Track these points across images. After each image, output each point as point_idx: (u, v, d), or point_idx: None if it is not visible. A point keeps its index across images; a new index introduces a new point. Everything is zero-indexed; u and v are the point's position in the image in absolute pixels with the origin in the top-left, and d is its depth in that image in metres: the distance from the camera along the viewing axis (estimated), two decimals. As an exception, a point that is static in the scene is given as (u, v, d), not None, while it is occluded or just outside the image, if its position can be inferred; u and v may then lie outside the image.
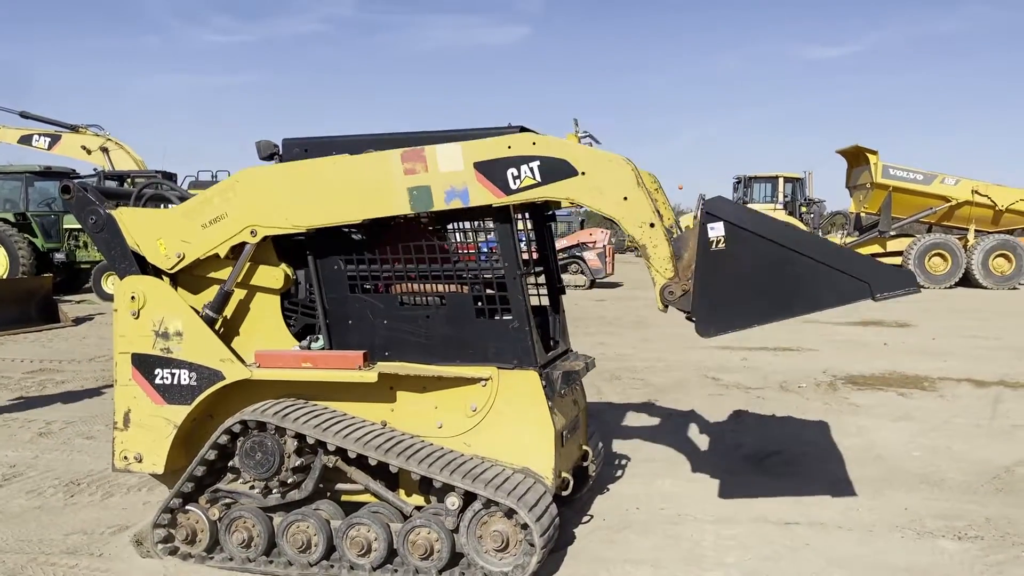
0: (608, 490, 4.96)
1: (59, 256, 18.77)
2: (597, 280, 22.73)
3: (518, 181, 3.67)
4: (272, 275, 4.09)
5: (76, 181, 4.47)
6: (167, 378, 4.04)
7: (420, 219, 4.09)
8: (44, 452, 5.89)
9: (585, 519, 4.47)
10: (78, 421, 6.81)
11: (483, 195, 3.70)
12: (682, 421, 6.79)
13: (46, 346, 11.19)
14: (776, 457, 5.69)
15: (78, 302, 16.95)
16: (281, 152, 4.08)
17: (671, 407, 7.28)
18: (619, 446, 5.90)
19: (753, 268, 3.44)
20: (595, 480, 4.81)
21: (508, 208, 3.82)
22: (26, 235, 18.42)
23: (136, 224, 4.12)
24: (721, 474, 5.29)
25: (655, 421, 6.77)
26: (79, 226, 18.81)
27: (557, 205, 4.38)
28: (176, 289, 4.13)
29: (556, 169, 3.63)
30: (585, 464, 4.57)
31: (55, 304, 13.47)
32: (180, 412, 4.03)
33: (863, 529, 4.34)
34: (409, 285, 4.05)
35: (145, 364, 4.06)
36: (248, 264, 4.06)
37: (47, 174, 19.76)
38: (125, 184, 19.63)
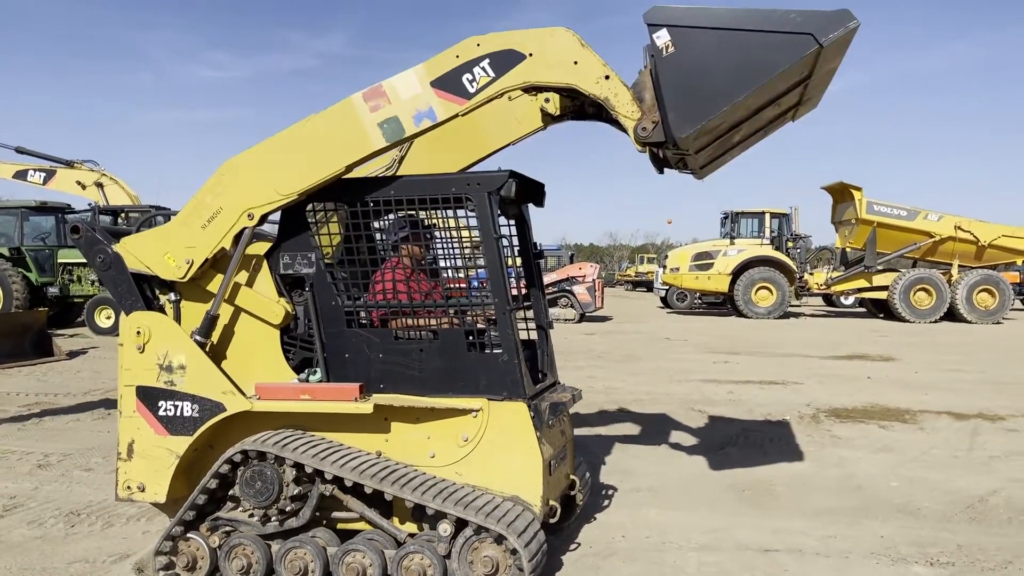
0: (595, 519, 5.11)
1: (52, 290, 18.90)
2: (587, 314, 22.95)
3: (475, 84, 3.90)
4: (272, 310, 4.27)
5: (77, 218, 4.64)
6: (170, 410, 4.20)
7: (416, 260, 4.30)
8: (43, 484, 6.01)
9: (572, 547, 4.62)
10: (75, 453, 6.92)
11: (447, 108, 3.93)
12: (668, 452, 6.96)
13: (41, 380, 11.29)
14: (758, 487, 5.86)
15: (71, 336, 17.04)
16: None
17: (658, 439, 7.44)
18: (606, 476, 6.07)
19: (705, 57, 3.57)
20: (582, 509, 4.98)
21: (498, 243, 4.03)
22: (20, 269, 18.55)
23: (141, 248, 4.29)
24: (705, 504, 5.46)
25: (642, 452, 6.93)
26: (73, 261, 19.01)
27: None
28: (180, 319, 4.31)
29: (506, 60, 3.86)
30: (572, 493, 4.74)
31: (49, 338, 13.57)
32: (182, 443, 4.19)
33: (839, 555, 4.51)
34: (403, 321, 4.24)
35: (149, 396, 4.22)
36: (250, 293, 4.25)
37: (42, 209, 19.96)
38: (119, 219, 19.89)
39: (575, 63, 3.83)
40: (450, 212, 4.17)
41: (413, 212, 4.34)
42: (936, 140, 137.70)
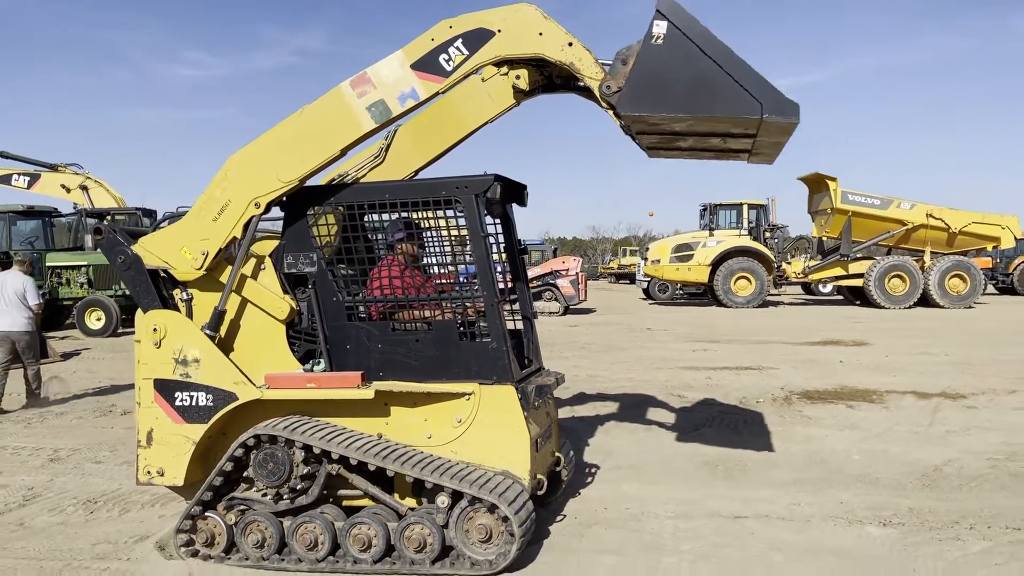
0: (579, 494, 5.52)
1: (42, 293, 19.04)
2: (571, 307, 23.36)
3: (451, 63, 4.32)
4: (278, 306, 4.64)
5: (94, 222, 4.93)
6: (186, 400, 4.56)
7: (411, 257, 4.69)
8: (57, 476, 6.34)
9: (559, 518, 5.02)
10: (84, 448, 7.25)
11: (428, 87, 4.35)
12: (647, 433, 7.38)
13: (39, 380, 11.54)
14: (731, 463, 6.29)
15: (62, 338, 17.26)
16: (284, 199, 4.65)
17: (638, 421, 7.87)
18: (589, 456, 6.48)
19: (680, 67, 3.95)
20: (567, 484, 5.38)
21: (486, 240, 4.42)
22: (9, 273, 18.71)
23: (158, 245, 4.66)
24: (681, 478, 5.89)
25: (622, 433, 7.35)
26: (61, 264, 19.21)
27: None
28: (192, 316, 4.67)
29: (477, 38, 4.29)
30: (558, 469, 5.14)
31: (44, 340, 13.79)
32: (198, 430, 4.55)
33: (802, 520, 4.94)
34: (401, 313, 4.62)
35: (166, 388, 4.58)
36: (258, 293, 4.61)
37: (29, 213, 20.13)
38: (105, 221, 20.08)
39: (540, 34, 4.25)
40: (440, 213, 4.55)
41: (407, 214, 4.71)
42: (909, 130, 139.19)
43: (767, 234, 25.62)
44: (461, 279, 5.02)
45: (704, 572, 4.17)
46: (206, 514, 4.50)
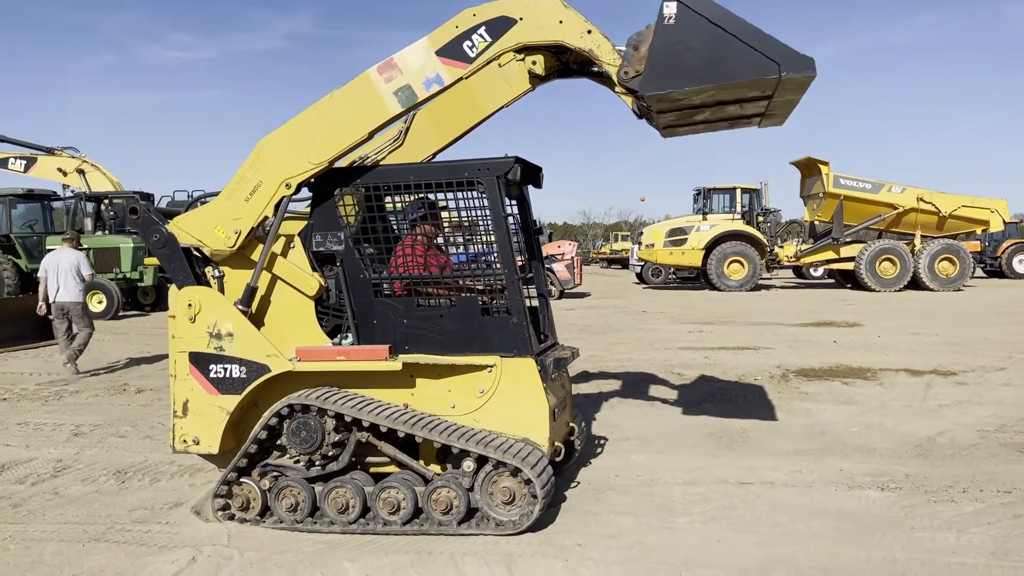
0: (590, 463, 5.78)
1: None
2: (566, 290, 23.62)
3: (475, 49, 4.53)
4: (307, 283, 4.85)
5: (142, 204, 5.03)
6: (220, 372, 4.78)
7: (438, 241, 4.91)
8: (83, 449, 6.56)
9: (573, 484, 5.28)
10: (104, 424, 7.47)
11: (452, 73, 4.56)
12: (651, 408, 7.64)
13: (48, 361, 11.74)
14: (733, 435, 6.55)
15: (64, 321, 17.38)
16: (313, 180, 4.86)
17: (641, 397, 8.13)
18: (597, 429, 6.74)
19: (694, 41, 4.15)
20: (579, 454, 5.64)
21: (506, 220, 4.64)
22: (10, 256, 18.82)
23: (192, 224, 4.86)
24: (687, 448, 6.15)
25: (627, 408, 7.61)
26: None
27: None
28: (224, 291, 4.88)
29: (500, 25, 4.50)
30: (572, 439, 5.39)
31: (50, 322, 13.95)
32: (232, 401, 4.77)
33: (804, 485, 5.21)
34: (425, 290, 4.84)
35: (201, 361, 4.80)
36: (288, 270, 4.83)
37: (29, 197, 20.21)
38: (103, 205, 20.15)
39: (560, 22, 4.46)
40: (461, 194, 4.77)
41: (429, 194, 4.92)
42: (901, 113, 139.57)
43: (760, 218, 25.92)
44: (465, 257, 5.26)
45: (715, 531, 4.43)
46: (241, 480, 4.73)
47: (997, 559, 3.96)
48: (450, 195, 4.81)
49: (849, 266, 24.90)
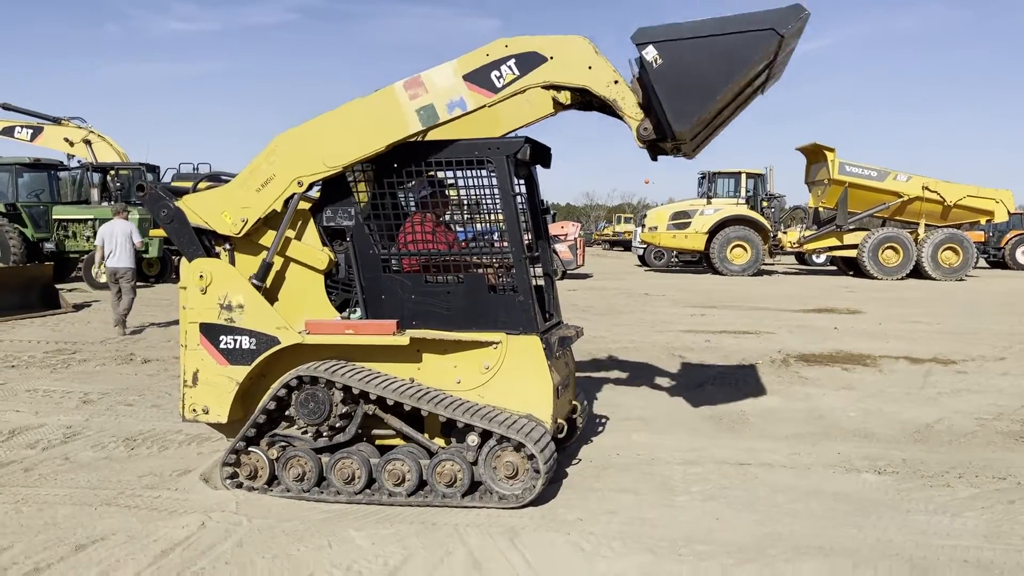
0: (592, 441, 5.86)
1: (48, 246, 19.29)
2: (568, 271, 23.67)
3: (502, 79, 4.56)
4: (317, 257, 4.91)
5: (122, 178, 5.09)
6: (230, 343, 4.85)
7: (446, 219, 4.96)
8: (92, 417, 6.65)
9: (575, 461, 5.37)
10: (112, 392, 7.56)
11: (476, 100, 4.58)
12: (652, 389, 7.73)
13: (55, 330, 11.84)
14: (733, 417, 6.64)
15: (70, 290, 17.44)
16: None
17: (643, 378, 8.21)
18: (599, 409, 6.82)
19: (689, 64, 4.24)
20: (581, 432, 5.73)
21: (515, 199, 4.70)
22: (16, 225, 18.90)
23: (202, 205, 4.91)
24: (687, 429, 6.24)
25: (629, 389, 7.69)
26: (68, 217, 19.38)
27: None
28: (234, 264, 4.94)
29: (529, 61, 4.52)
30: (574, 417, 5.47)
31: (56, 291, 14.07)
32: (241, 371, 4.84)
33: (802, 468, 5.29)
34: (434, 266, 4.90)
35: (211, 332, 4.86)
36: (297, 242, 4.88)
37: (36, 166, 20.25)
38: (109, 176, 20.17)
39: (589, 67, 4.49)
40: (472, 172, 4.81)
41: (439, 173, 4.97)
42: (910, 100, 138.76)
43: (764, 203, 25.93)
44: (488, 237, 5.31)
45: (714, 509, 4.52)
46: (249, 449, 4.82)
47: (990, 542, 4.04)
48: (460, 173, 4.85)
49: (852, 253, 24.93)
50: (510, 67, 4.51)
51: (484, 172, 4.81)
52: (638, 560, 3.84)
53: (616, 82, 4.49)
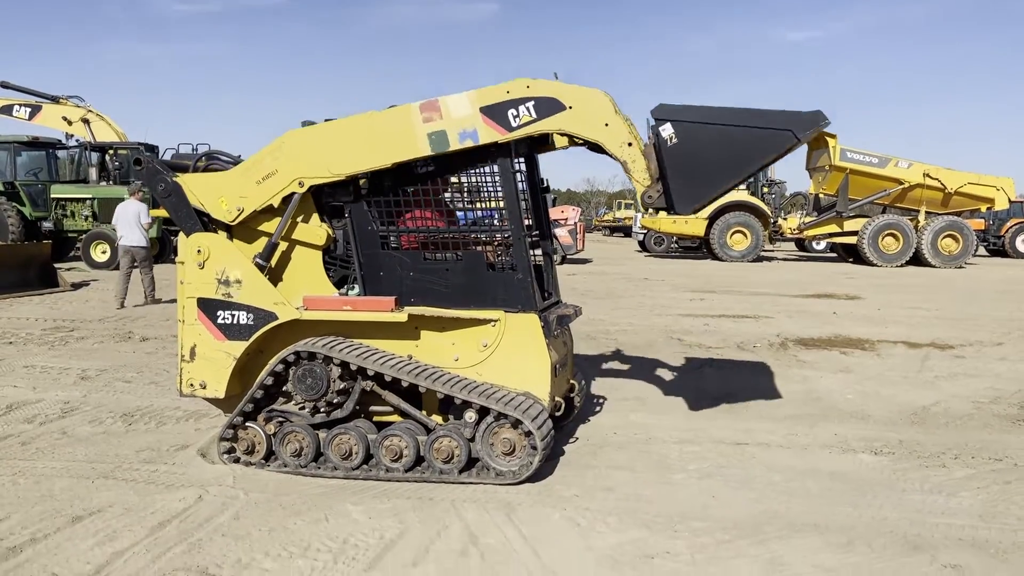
0: (589, 420, 5.87)
1: (47, 224, 19.26)
2: (568, 256, 23.66)
3: (518, 119, 4.53)
4: (315, 233, 4.90)
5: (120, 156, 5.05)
6: (228, 318, 4.84)
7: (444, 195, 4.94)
8: (90, 392, 6.65)
9: (572, 440, 5.38)
10: (110, 369, 7.56)
11: (490, 134, 4.55)
12: (650, 371, 7.73)
13: (53, 308, 11.84)
14: (731, 398, 6.64)
15: (68, 269, 17.45)
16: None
17: (641, 360, 8.21)
18: (596, 388, 6.83)
19: (703, 149, 4.28)
20: (579, 412, 5.73)
21: (515, 178, 4.68)
22: (14, 204, 18.85)
23: (200, 187, 4.89)
24: (685, 409, 6.25)
25: (627, 370, 7.70)
26: (66, 196, 19.33)
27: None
28: (232, 242, 4.93)
29: (549, 106, 4.50)
30: (572, 396, 5.47)
31: (54, 270, 14.06)
32: (239, 347, 4.84)
33: (799, 448, 5.30)
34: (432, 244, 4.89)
35: (209, 307, 4.86)
36: (296, 222, 4.87)
37: (34, 144, 20.18)
38: (107, 155, 20.10)
39: (606, 124, 4.48)
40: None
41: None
42: (912, 88, 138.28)
43: (765, 189, 25.87)
44: (463, 217, 5.30)
45: (709, 486, 4.53)
46: (247, 424, 4.82)
47: (985, 521, 4.05)
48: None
49: (852, 240, 24.89)
50: (528, 108, 4.49)
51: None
52: (633, 535, 3.85)
53: (630, 144, 4.48)
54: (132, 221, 12.12)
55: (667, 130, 4.28)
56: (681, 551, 3.69)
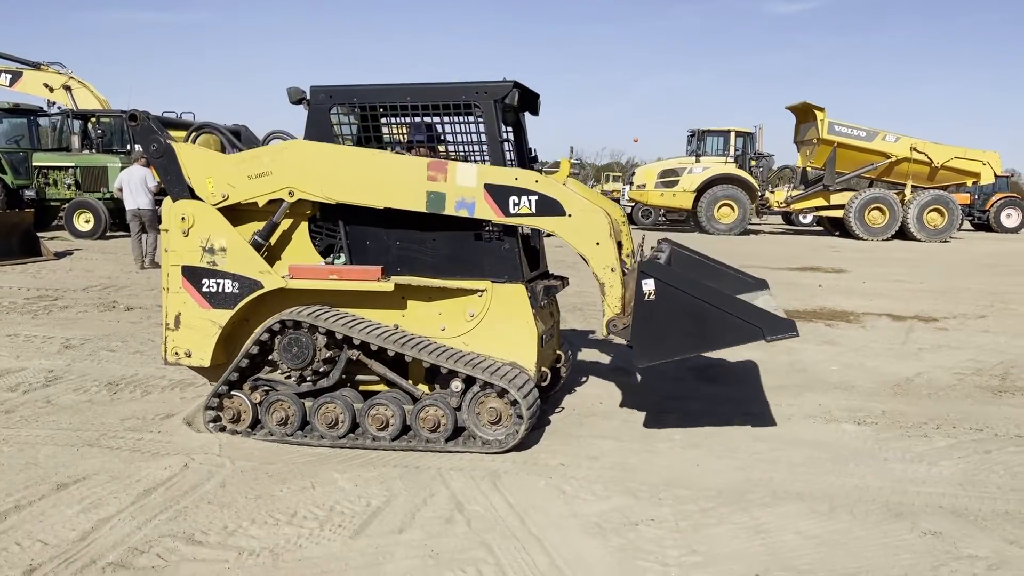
0: (576, 391, 5.90)
1: (29, 193, 19.00)
2: (556, 227, 23.57)
3: (517, 207, 4.59)
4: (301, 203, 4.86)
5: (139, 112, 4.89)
6: (213, 287, 4.82)
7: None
8: (75, 361, 6.61)
9: (558, 409, 5.40)
10: (94, 338, 7.51)
11: (486, 211, 4.58)
12: (637, 343, 7.74)
13: (36, 277, 11.73)
14: (716, 369, 6.68)
15: (51, 238, 17.23)
16: (309, 98, 4.83)
17: (627, 332, 8.22)
18: (583, 358, 6.86)
19: (676, 314, 4.39)
20: (565, 382, 5.75)
21: (502, 145, 4.67)
22: (-4, 172, 18.61)
23: (192, 160, 4.84)
24: (670, 381, 6.28)
25: (612, 342, 7.70)
26: (48, 164, 19.07)
27: None
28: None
29: (549, 206, 4.58)
30: (558, 366, 5.48)
31: (37, 239, 13.91)
32: (224, 315, 4.81)
33: (783, 418, 5.35)
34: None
35: (194, 275, 4.82)
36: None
37: (15, 111, 19.88)
38: (90, 123, 19.82)
39: (597, 243, 4.60)
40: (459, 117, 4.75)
41: (426, 116, 4.89)
42: (901, 62, 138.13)
43: (753, 162, 25.83)
44: None
45: (694, 455, 4.57)
46: (232, 393, 4.81)
47: (965, 489, 4.11)
48: (446, 118, 4.79)
49: (838, 214, 24.95)
50: (529, 201, 4.55)
51: (471, 117, 4.76)
52: (618, 503, 3.88)
53: (613, 269, 4.61)
54: (139, 185, 12.71)
55: (649, 286, 4.36)
56: (666, 518, 3.73)
